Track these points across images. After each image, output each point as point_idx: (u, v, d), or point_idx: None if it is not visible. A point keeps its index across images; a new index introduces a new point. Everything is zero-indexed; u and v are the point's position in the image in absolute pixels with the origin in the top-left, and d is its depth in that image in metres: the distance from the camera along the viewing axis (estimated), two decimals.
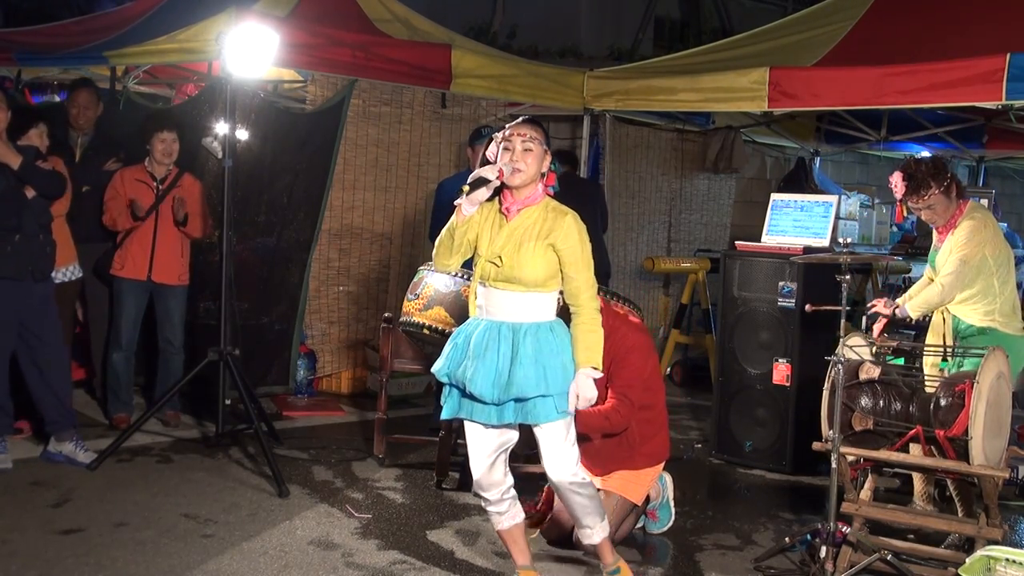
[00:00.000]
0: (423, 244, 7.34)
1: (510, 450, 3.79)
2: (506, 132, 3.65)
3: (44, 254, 5.15)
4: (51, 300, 5.25)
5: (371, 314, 7.33)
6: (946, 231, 4.74)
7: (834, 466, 4.10)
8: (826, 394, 4.23)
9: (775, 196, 6.22)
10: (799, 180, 9.44)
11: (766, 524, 4.97)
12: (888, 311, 4.82)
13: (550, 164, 3.68)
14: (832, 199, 6.12)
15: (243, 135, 6.12)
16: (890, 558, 4.06)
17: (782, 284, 5.76)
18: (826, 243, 5.80)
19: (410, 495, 5.12)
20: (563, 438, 3.64)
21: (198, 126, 6.29)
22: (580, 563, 4.30)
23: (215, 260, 5.83)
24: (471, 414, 3.67)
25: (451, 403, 3.73)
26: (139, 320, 6.04)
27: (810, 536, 4.31)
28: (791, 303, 5.72)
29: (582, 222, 3.67)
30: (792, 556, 4.44)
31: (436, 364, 3.76)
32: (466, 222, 3.62)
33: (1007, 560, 3.71)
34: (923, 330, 5.08)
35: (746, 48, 7.12)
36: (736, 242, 6.36)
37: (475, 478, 3.76)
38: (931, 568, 4.20)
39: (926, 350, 4.86)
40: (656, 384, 4.60)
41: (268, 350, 6.67)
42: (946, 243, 4.72)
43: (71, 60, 7.28)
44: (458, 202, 3.59)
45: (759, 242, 6.03)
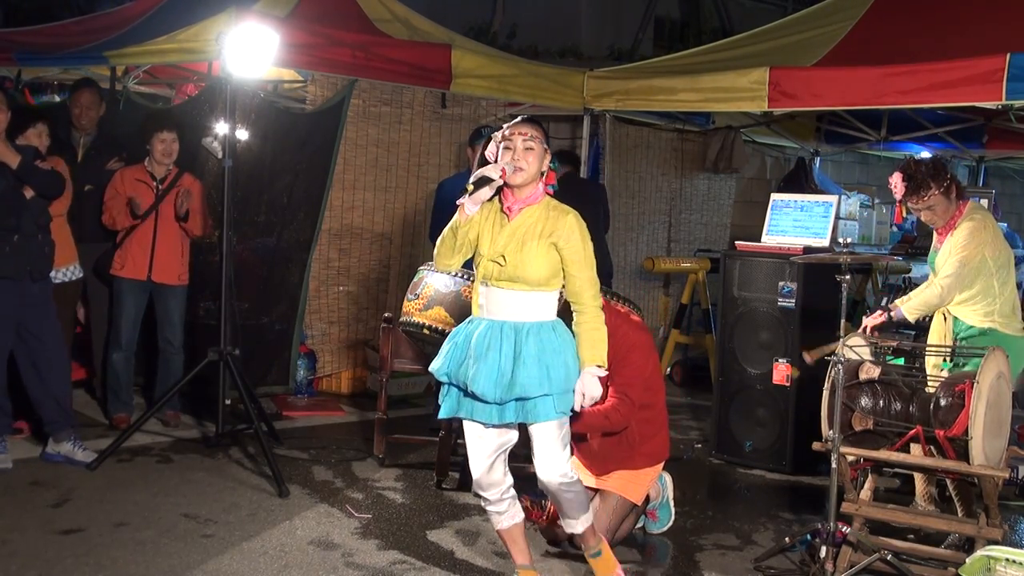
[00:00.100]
0: (423, 244, 7.34)
1: (509, 450, 3.80)
2: (506, 131, 3.65)
3: (43, 254, 5.14)
4: (50, 300, 5.24)
5: (371, 314, 7.33)
6: (946, 232, 4.73)
7: (834, 466, 4.10)
8: (826, 394, 4.23)
9: (775, 196, 6.22)
10: (799, 180, 9.44)
11: (766, 524, 4.97)
12: (879, 319, 4.78)
13: (550, 163, 3.69)
14: (832, 199, 6.12)
15: (243, 135, 6.12)
16: (890, 558, 4.06)
17: (782, 284, 5.76)
18: (826, 243, 5.80)
19: (410, 495, 5.12)
20: (557, 437, 3.64)
21: (198, 126, 6.29)
22: (580, 563, 4.30)
23: (215, 260, 5.83)
24: (471, 413, 3.67)
25: (450, 402, 3.73)
26: (139, 320, 6.04)
27: (810, 536, 4.31)
28: (791, 303, 5.72)
29: (583, 221, 3.67)
30: (792, 556, 4.44)
31: (434, 363, 3.76)
32: (468, 221, 3.62)
33: (1007, 560, 3.71)
34: (923, 330, 5.08)
35: (746, 48, 7.12)
36: (736, 242, 6.36)
37: (475, 478, 3.76)
38: (931, 568, 4.20)
39: (927, 350, 4.86)
40: (656, 383, 4.59)
41: (268, 350, 6.67)
42: (945, 244, 4.71)
43: (71, 60, 7.28)
44: (461, 201, 3.59)
45: (759, 242, 6.03)
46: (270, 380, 6.71)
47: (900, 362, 5.09)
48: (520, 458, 4.07)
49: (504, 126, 3.69)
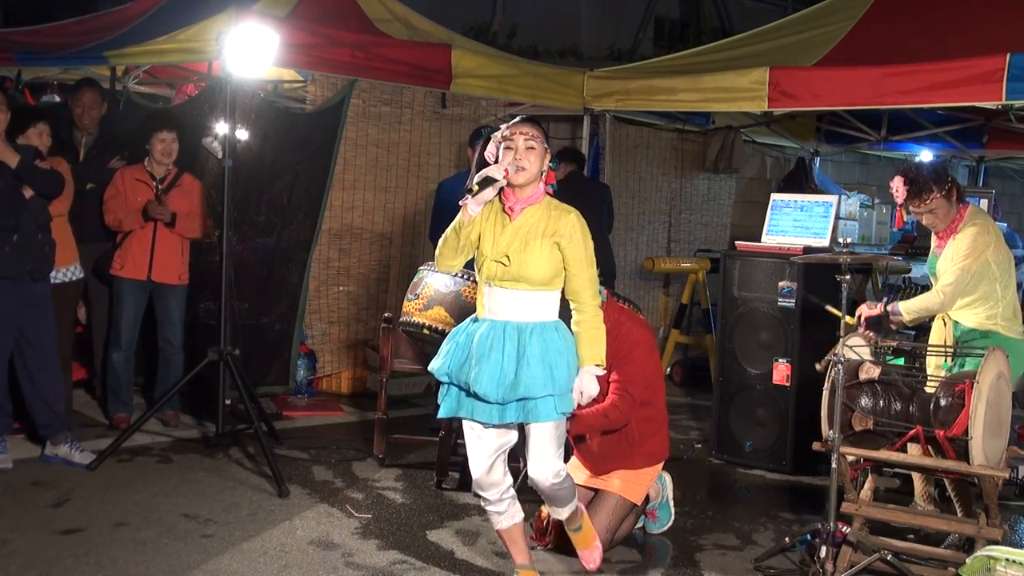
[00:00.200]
0: (423, 244, 7.34)
1: (509, 450, 3.80)
2: (505, 132, 3.65)
3: (43, 254, 5.14)
4: (48, 302, 5.24)
5: (371, 314, 7.33)
6: (947, 236, 4.70)
7: (834, 466, 4.10)
8: (826, 394, 4.23)
9: (775, 196, 6.22)
10: (799, 180, 9.44)
11: (766, 524, 4.97)
12: (876, 311, 4.79)
13: (549, 162, 3.69)
14: (832, 199, 6.12)
15: (243, 135, 6.12)
16: (890, 558, 4.06)
17: (782, 284, 5.75)
18: (826, 243, 5.80)
19: (410, 495, 5.12)
20: (554, 437, 3.65)
21: (198, 126, 6.29)
22: (580, 563, 4.30)
23: (215, 260, 5.83)
24: (472, 413, 3.67)
25: (449, 402, 3.73)
26: (139, 320, 6.04)
27: (810, 536, 4.31)
28: (791, 303, 5.72)
29: (584, 220, 3.67)
30: (792, 556, 4.44)
31: (434, 363, 3.76)
32: (471, 222, 3.62)
33: (1007, 560, 3.71)
34: (924, 330, 5.07)
35: (746, 48, 7.12)
36: (736, 242, 6.36)
37: (475, 478, 3.76)
38: (931, 568, 4.20)
39: (927, 351, 4.85)
40: (657, 382, 4.60)
41: (268, 350, 6.67)
42: (947, 250, 4.68)
43: (71, 60, 7.28)
44: (464, 201, 3.58)
45: (759, 242, 6.03)
46: (270, 380, 6.71)
47: (900, 362, 5.09)
48: (520, 458, 4.07)
49: (502, 126, 3.69)
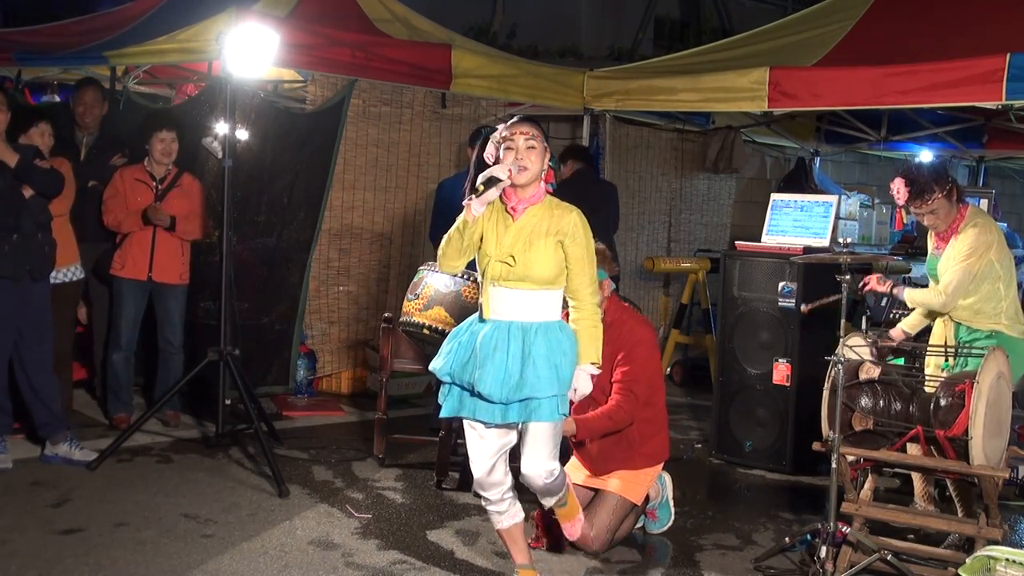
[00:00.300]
0: (423, 244, 7.34)
1: (509, 450, 3.79)
2: (504, 132, 3.64)
3: (42, 254, 5.14)
4: (47, 301, 5.23)
5: (371, 314, 7.33)
6: (948, 236, 4.70)
7: (834, 466, 4.10)
8: (826, 394, 4.23)
9: (775, 196, 6.22)
10: (799, 180, 9.44)
11: (766, 524, 4.97)
12: (883, 288, 4.80)
13: (549, 161, 3.69)
14: (832, 199, 6.12)
15: (243, 135, 6.12)
16: (890, 558, 4.06)
17: (782, 284, 5.76)
18: (826, 243, 5.80)
19: (410, 495, 5.12)
20: (552, 436, 3.65)
21: (198, 126, 6.29)
22: (580, 563, 4.30)
23: (215, 260, 5.83)
24: (474, 413, 3.66)
25: (451, 402, 3.72)
26: (139, 320, 6.04)
27: (810, 536, 4.31)
28: (791, 303, 5.71)
29: (586, 219, 3.67)
30: (792, 556, 4.44)
31: (435, 363, 3.75)
32: (474, 222, 3.61)
33: (1007, 560, 3.71)
34: (924, 330, 5.06)
35: (746, 48, 7.12)
36: (736, 242, 6.36)
37: (476, 478, 3.76)
38: (931, 568, 4.20)
39: (928, 351, 4.85)
40: (658, 382, 4.61)
41: (268, 350, 6.67)
42: (949, 249, 4.66)
43: (71, 60, 7.28)
44: (468, 201, 3.57)
45: (759, 242, 6.03)
46: (270, 380, 6.71)
47: (900, 362, 5.09)
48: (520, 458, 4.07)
49: (500, 126, 3.68)
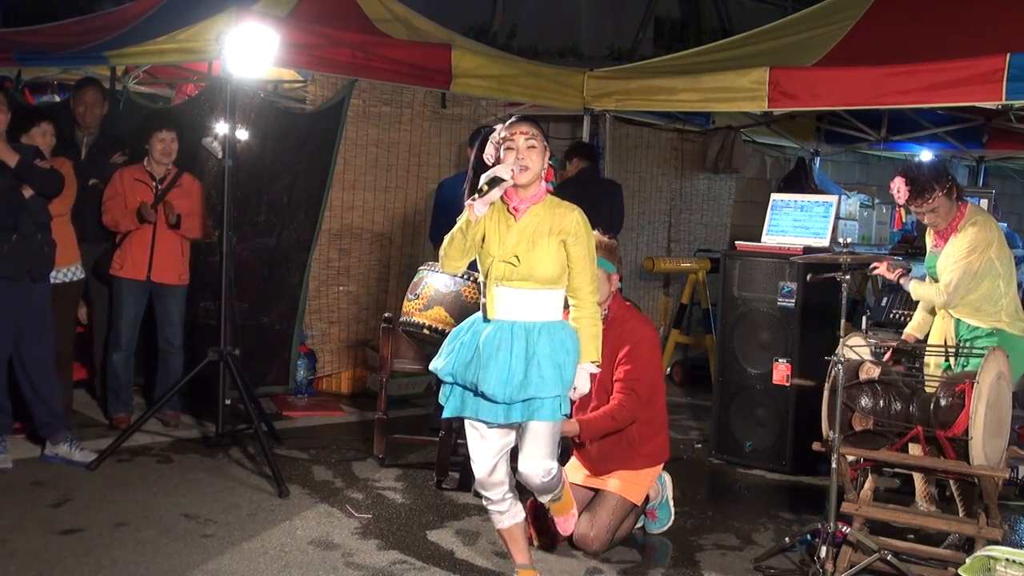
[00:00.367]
0: (423, 244, 7.34)
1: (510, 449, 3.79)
2: (504, 132, 3.63)
3: (42, 254, 5.14)
4: (47, 302, 5.23)
5: (371, 314, 7.33)
6: (947, 234, 4.70)
7: (834, 466, 4.10)
8: (826, 394, 4.23)
9: (775, 196, 6.22)
10: (799, 180, 9.44)
11: (766, 524, 4.97)
12: (892, 275, 4.80)
13: (549, 159, 3.69)
14: (832, 199, 6.12)
15: (243, 135, 6.12)
16: (890, 558, 4.06)
17: (782, 284, 5.76)
18: (826, 243, 5.80)
19: (410, 495, 5.12)
20: (552, 435, 3.65)
21: (198, 126, 6.29)
22: (580, 563, 4.30)
23: (215, 260, 5.83)
24: (476, 413, 3.65)
25: (453, 402, 3.71)
26: (139, 320, 6.04)
27: (810, 536, 4.31)
28: (791, 303, 5.72)
29: (587, 218, 3.67)
30: (792, 556, 4.44)
31: (436, 362, 3.74)
32: (477, 222, 3.61)
33: (1007, 560, 3.71)
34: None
35: (746, 48, 7.12)
36: (736, 242, 6.36)
37: (478, 478, 3.75)
38: (931, 568, 4.20)
39: (927, 351, 4.85)
40: (659, 382, 4.62)
41: (268, 350, 6.67)
42: (948, 247, 4.67)
43: (71, 60, 7.28)
44: (470, 202, 3.57)
45: (759, 242, 6.03)
46: (270, 380, 6.71)
47: (901, 361, 5.09)
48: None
49: (498, 127, 3.68)
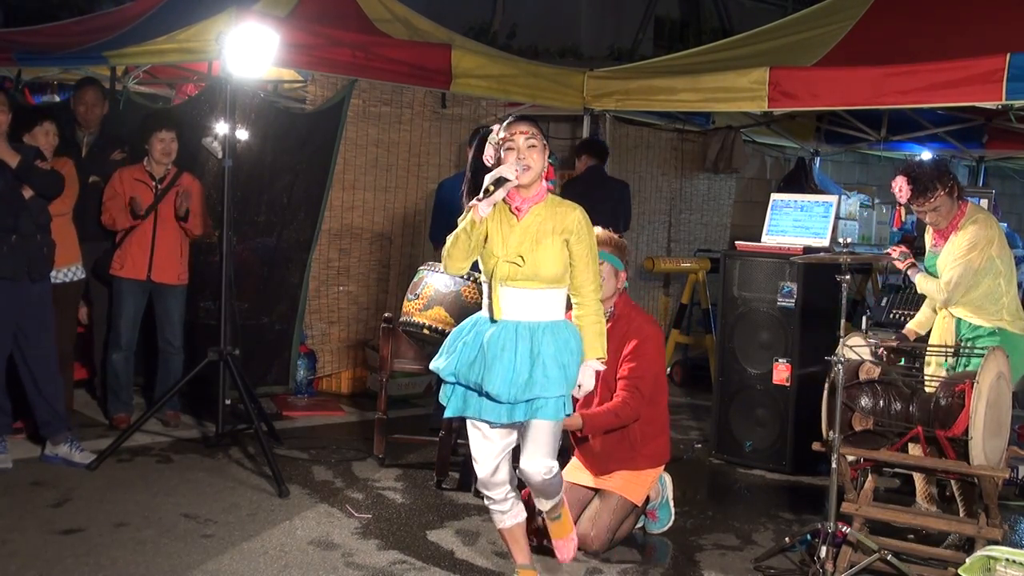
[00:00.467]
0: (423, 244, 7.34)
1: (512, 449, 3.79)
2: (503, 133, 3.62)
3: (41, 254, 5.13)
4: (47, 302, 5.23)
5: (371, 314, 7.33)
6: (948, 233, 4.70)
7: (834, 466, 4.10)
8: (826, 394, 4.23)
9: (775, 196, 6.22)
10: (799, 180, 9.45)
11: (766, 524, 4.97)
12: (902, 264, 4.81)
13: (548, 158, 3.69)
14: (832, 199, 6.12)
15: (243, 135, 6.12)
16: (890, 558, 4.06)
17: (782, 284, 5.76)
18: (826, 243, 5.80)
19: (410, 495, 5.12)
20: (553, 434, 3.65)
21: (198, 126, 6.29)
22: (580, 563, 4.30)
23: (215, 260, 5.83)
24: (479, 413, 3.64)
25: (455, 402, 3.70)
26: (138, 320, 6.04)
27: (810, 536, 4.31)
28: (791, 303, 5.72)
29: (588, 216, 3.67)
30: (792, 556, 4.44)
31: (438, 361, 3.73)
32: (481, 223, 3.61)
33: (1007, 560, 3.71)
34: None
35: (746, 48, 7.12)
36: (736, 242, 6.36)
37: (480, 478, 3.75)
38: (931, 568, 4.20)
39: (928, 351, 4.85)
40: (663, 381, 4.62)
41: (268, 350, 6.67)
42: (949, 245, 4.67)
43: (71, 60, 7.29)
44: (474, 202, 3.56)
45: (759, 242, 6.03)
46: (270, 380, 6.71)
47: (900, 362, 5.09)
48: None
49: (495, 127, 3.67)
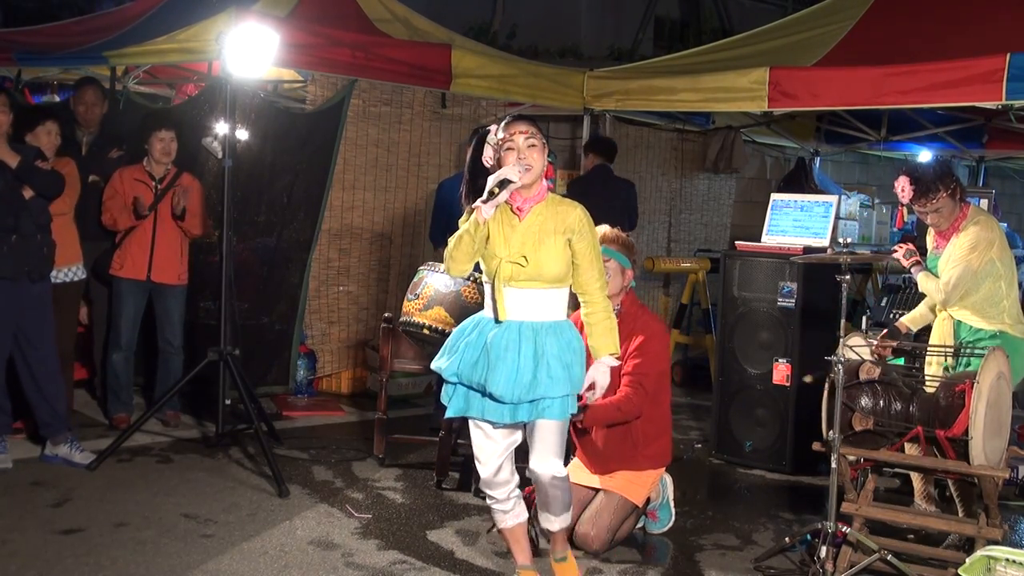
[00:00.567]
0: (423, 244, 7.34)
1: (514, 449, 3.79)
2: (502, 133, 3.62)
3: (41, 255, 5.13)
4: (47, 302, 5.23)
5: (371, 314, 7.33)
6: (949, 234, 4.69)
7: (834, 466, 4.10)
8: (826, 394, 4.23)
9: (775, 196, 6.22)
10: (799, 180, 9.44)
11: (766, 524, 4.97)
12: (907, 262, 4.81)
13: (548, 157, 3.69)
14: (832, 199, 6.12)
15: (243, 135, 6.12)
16: (890, 558, 4.06)
17: (782, 284, 5.76)
18: (826, 243, 5.80)
19: (410, 495, 5.12)
20: (560, 434, 3.65)
21: (198, 126, 6.29)
22: (580, 563, 4.30)
23: (215, 260, 5.83)
24: (482, 413, 3.64)
25: (457, 402, 3.70)
26: (138, 320, 6.04)
27: (810, 536, 4.31)
28: (791, 303, 5.72)
29: (590, 214, 3.67)
30: (792, 556, 4.44)
31: (440, 361, 3.72)
32: (484, 224, 3.60)
33: (1007, 560, 3.71)
34: (925, 330, 5.07)
35: (746, 48, 7.12)
36: (736, 242, 6.36)
37: (483, 478, 3.74)
38: (931, 568, 4.20)
39: (928, 351, 4.85)
40: (666, 379, 4.63)
41: (268, 350, 6.67)
42: (949, 247, 4.66)
43: (71, 60, 7.29)
44: (477, 204, 3.54)
45: (759, 242, 6.03)
46: (270, 380, 6.71)
47: (900, 362, 5.09)
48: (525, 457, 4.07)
49: (492, 128, 3.66)
